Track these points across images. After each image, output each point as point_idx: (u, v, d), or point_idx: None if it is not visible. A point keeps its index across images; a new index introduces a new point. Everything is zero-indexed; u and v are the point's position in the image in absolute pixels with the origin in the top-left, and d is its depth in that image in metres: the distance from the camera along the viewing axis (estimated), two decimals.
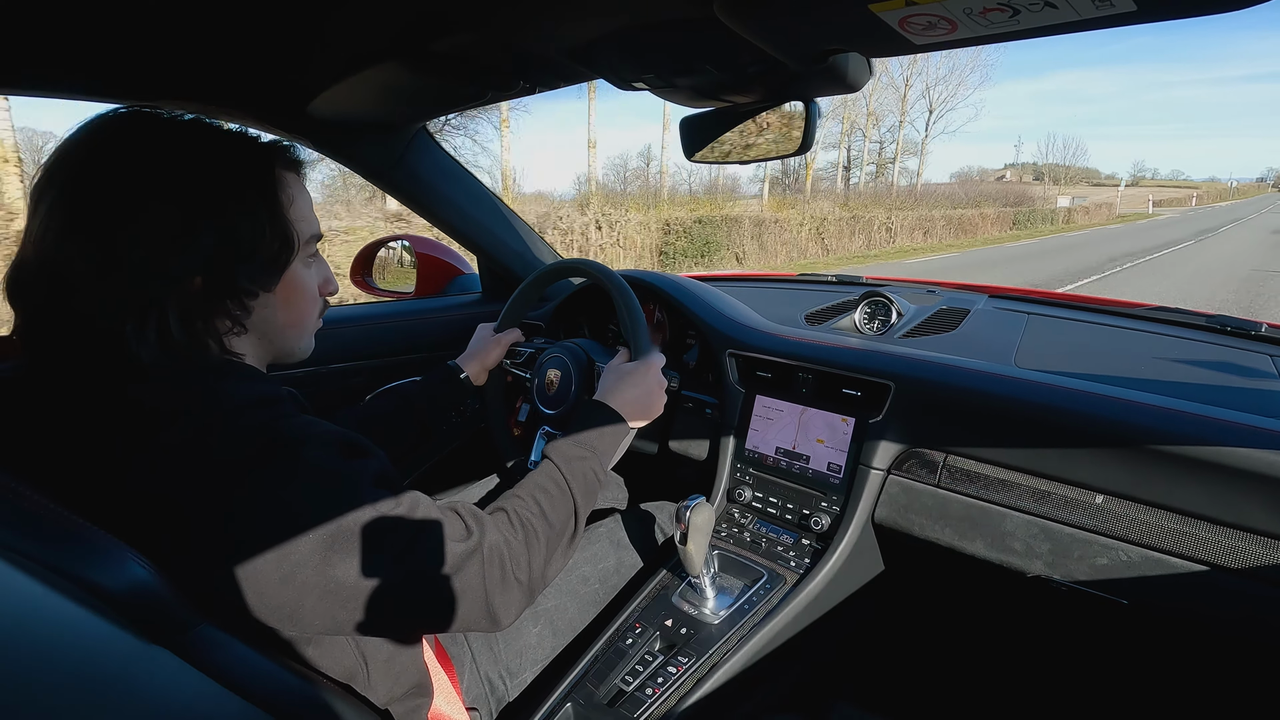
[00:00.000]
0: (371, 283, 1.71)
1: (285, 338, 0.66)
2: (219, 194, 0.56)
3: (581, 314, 1.40)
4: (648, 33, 0.69)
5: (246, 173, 0.59)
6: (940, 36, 0.58)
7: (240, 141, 0.61)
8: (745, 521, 1.07)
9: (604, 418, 0.82)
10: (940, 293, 1.36)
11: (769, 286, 1.58)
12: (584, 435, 0.78)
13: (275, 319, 0.64)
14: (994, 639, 1.27)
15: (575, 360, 1.10)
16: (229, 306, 0.58)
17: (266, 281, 0.61)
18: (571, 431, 0.79)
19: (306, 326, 0.68)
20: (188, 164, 0.56)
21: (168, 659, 0.42)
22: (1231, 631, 0.77)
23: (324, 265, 0.70)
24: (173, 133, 0.58)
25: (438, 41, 0.77)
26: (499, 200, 1.45)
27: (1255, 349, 1.02)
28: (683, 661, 0.84)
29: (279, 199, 0.61)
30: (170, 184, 0.54)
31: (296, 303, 0.65)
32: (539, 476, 0.72)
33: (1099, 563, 0.80)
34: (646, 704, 0.79)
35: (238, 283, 0.58)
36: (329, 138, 1.13)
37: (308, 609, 0.52)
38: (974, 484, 0.89)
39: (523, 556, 0.63)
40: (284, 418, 0.56)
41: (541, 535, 0.66)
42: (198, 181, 0.56)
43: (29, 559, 0.40)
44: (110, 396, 0.54)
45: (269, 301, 0.62)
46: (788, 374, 1.06)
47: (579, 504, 0.72)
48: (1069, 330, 1.15)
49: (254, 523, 0.50)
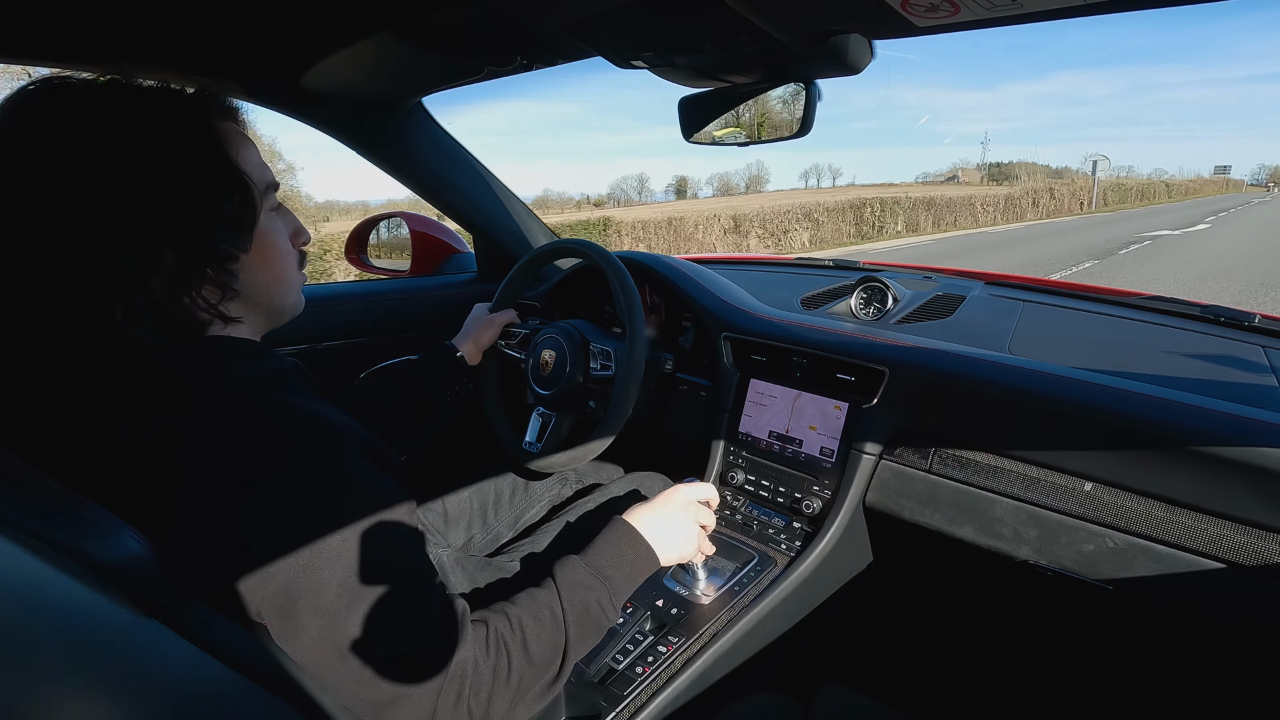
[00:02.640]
0: (366, 260, 1.70)
1: (272, 296, 0.63)
2: (161, 162, 0.52)
3: (577, 295, 1.39)
4: (648, 9, 0.68)
5: (184, 133, 0.54)
6: (943, 19, 0.58)
7: (168, 98, 0.55)
8: (737, 504, 1.08)
9: (628, 544, 0.71)
10: (937, 279, 1.36)
11: (765, 270, 1.58)
12: (600, 559, 0.68)
13: (257, 280, 0.60)
14: (981, 622, 1.29)
15: (570, 341, 1.10)
16: (212, 275, 0.55)
17: (240, 242, 0.57)
18: (589, 550, 0.69)
19: (288, 281, 0.64)
20: (120, 136, 0.51)
21: (161, 631, 0.42)
22: (1214, 617, 0.78)
23: (291, 216, 0.66)
24: (95, 101, 0.52)
25: (434, 13, 0.75)
26: (496, 179, 1.44)
27: (1248, 340, 1.03)
28: (673, 641, 0.85)
29: (225, 153, 0.56)
30: (108, 161, 0.50)
31: (273, 259, 0.62)
32: (537, 595, 0.63)
33: (1085, 549, 0.81)
34: (636, 682, 0.80)
35: (212, 249, 0.55)
36: (322, 112, 1.12)
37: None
38: (964, 469, 0.90)
39: (485, 688, 0.54)
40: (316, 403, 0.55)
41: (515, 670, 0.57)
42: (135, 153, 0.51)
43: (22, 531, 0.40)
44: (111, 379, 0.53)
45: (247, 264, 0.59)
46: (782, 358, 1.06)
47: (571, 642, 0.61)
48: (1064, 318, 1.15)
49: (254, 513, 0.49)
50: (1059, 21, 0.57)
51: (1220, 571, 0.73)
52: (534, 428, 1.14)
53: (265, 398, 0.54)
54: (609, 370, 1.07)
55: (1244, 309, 1.09)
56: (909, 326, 1.14)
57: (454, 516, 1.10)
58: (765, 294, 1.27)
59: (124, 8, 0.71)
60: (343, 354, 1.31)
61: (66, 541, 0.42)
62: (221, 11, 0.75)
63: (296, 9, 0.76)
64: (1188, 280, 8.06)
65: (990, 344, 1.01)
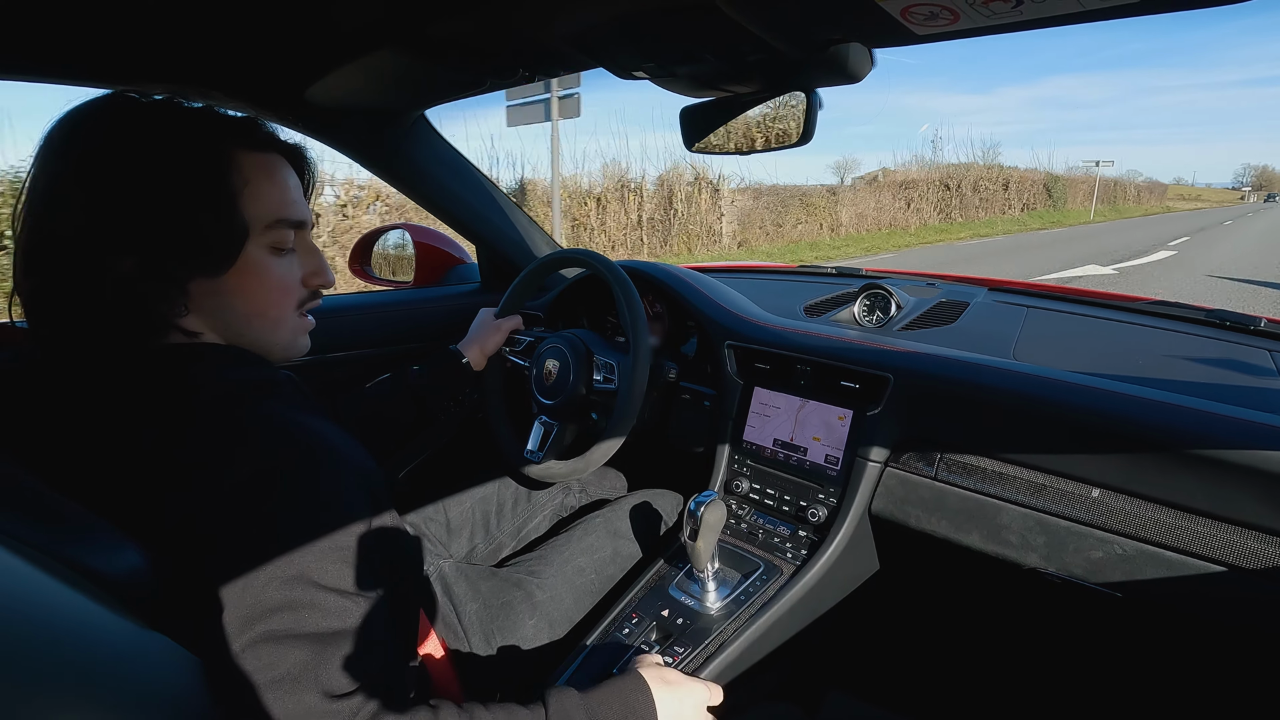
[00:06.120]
0: (370, 272, 1.71)
1: (252, 328, 0.61)
2: (141, 175, 0.54)
3: (580, 305, 1.39)
4: (649, 19, 0.69)
5: (180, 153, 0.55)
6: (943, 27, 0.58)
7: (186, 119, 0.58)
8: (742, 513, 1.07)
9: (637, 701, 0.63)
10: (940, 285, 1.36)
11: (768, 278, 1.58)
12: (602, 707, 0.60)
13: (234, 307, 0.60)
14: (989, 630, 1.28)
15: (574, 352, 1.10)
16: (165, 289, 0.56)
17: (207, 267, 0.57)
18: (594, 694, 0.62)
19: (274, 318, 0.63)
20: (116, 145, 0.54)
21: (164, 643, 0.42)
22: (1223, 622, 0.77)
23: (312, 255, 0.66)
24: (125, 115, 0.56)
25: (436, 26, 0.76)
26: (498, 190, 1.45)
27: (1254, 344, 1.02)
28: (679, 651, 0.84)
29: (225, 180, 0.57)
30: (93, 167, 0.53)
31: (256, 292, 0.60)
32: (517, 716, 0.57)
33: (1094, 556, 0.80)
34: None
35: (166, 267, 0.55)
36: (327, 125, 1.13)
37: None
38: (971, 477, 0.89)
39: None
40: (305, 416, 0.56)
41: None
42: (118, 161, 0.54)
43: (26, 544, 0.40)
44: (105, 376, 0.54)
45: (218, 288, 0.58)
46: (786, 366, 1.06)
47: None
48: (1068, 324, 1.15)
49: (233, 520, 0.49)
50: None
51: (1229, 576, 0.72)
52: (536, 436, 1.14)
53: (251, 405, 0.54)
54: (612, 383, 1.07)
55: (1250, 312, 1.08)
56: (913, 333, 1.14)
57: (456, 526, 1.10)
58: (768, 302, 1.27)
59: (129, 23, 0.72)
60: (347, 365, 1.32)
61: (71, 555, 0.42)
62: (228, 27, 0.76)
63: (302, 26, 0.77)
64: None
65: (995, 350, 1.01)
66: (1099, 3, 0.50)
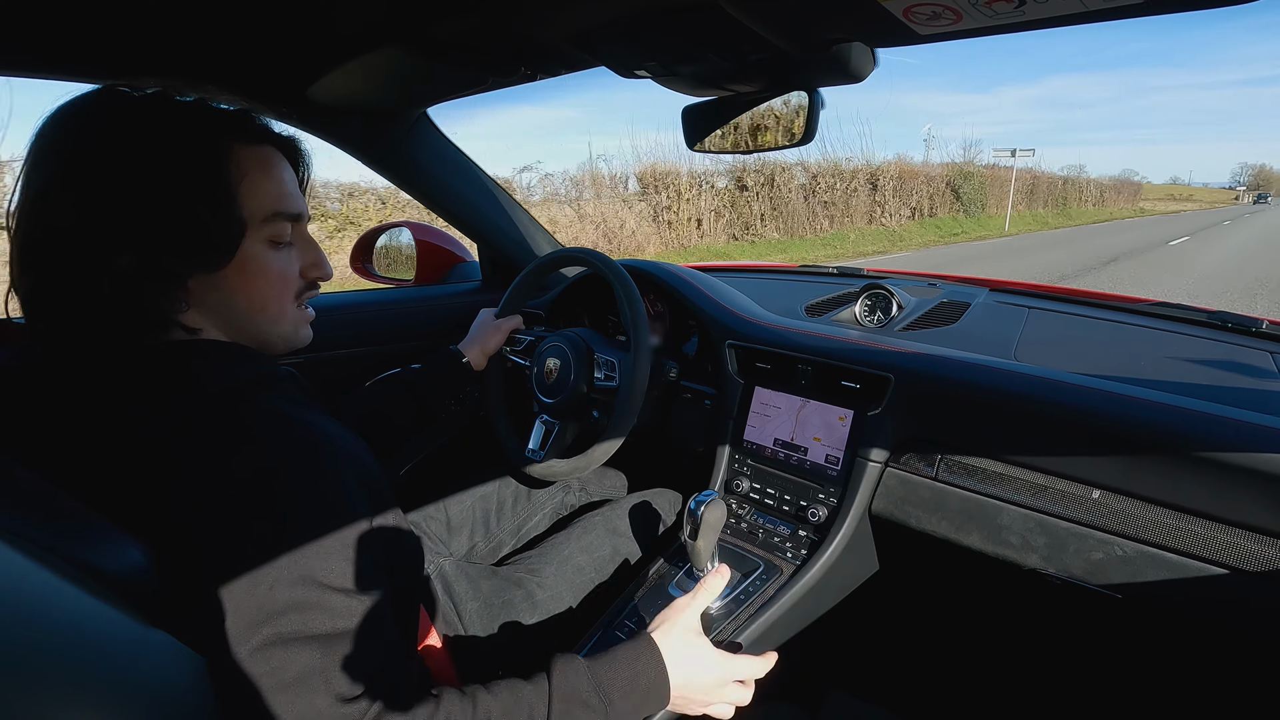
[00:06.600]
0: (372, 270, 1.71)
1: (253, 323, 0.61)
2: (136, 172, 0.53)
3: (581, 304, 1.39)
4: (651, 19, 0.69)
5: (176, 148, 0.55)
6: (945, 27, 0.58)
7: (181, 113, 0.57)
8: (742, 512, 1.07)
9: (646, 672, 0.61)
10: (941, 286, 1.36)
11: (770, 277, 1.58)
12: (611, 676, 0.58)
13: (234, 302, 0.60)
14: (989, 630, 1.28)
15: (575, 350, 1.10)
16: (164, 286, 0.55)
17: (206, 262, 0.57)
18: (602, 660, 0.60)
19: (275, 312, 0.63)
20: (110, 141, 0.53)
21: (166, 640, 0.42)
22: (1225, 624, 0.77)
23: (312, 251, 0.66)
24: (118, 111, 0.55)
25: (438, 25, 0.76)
26: (500, 188, 1.45)
27: (1256, 346, 1.02)
28: None
29: (222, 174, 0.56)
30: (87, 164, 0.53)
31: (256, 286, 0.60)
32: (520, 691, 0.55)
33: (1094, 557, 0.80)
34: None
35: (165, 263, 0.55)
36: (329, 124, 1.13)
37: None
38: (971, 477, 0.89)
39: None
40: (306, 411, 0.56)
41: None
42: (113, 158, 0.53)
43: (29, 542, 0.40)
44: (105, 373, 0.54)
45: (218, 283, 0.58)
46: (787, 366, 1.06)
47: None
48: (1069, 325, 1.15)
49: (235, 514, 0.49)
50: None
51: (1230, 578, 0.72)
52: (537, 435, 1.14)
53: (254, 400, 0.55)
54: (613, 381, 1.07)
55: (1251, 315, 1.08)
56: (914, 334, 1.14)
57: (456, 524, 1.10)
58: (769, 301, 1.27)
59: (132, 17, 0.72)
60: (347, 363, 1.32)
61: (73, 553, 0.42)
62: (230, 25, 0.76)
63: (304, 23, 0.77)
64: None
65: (996, 350, 1.01)
66: (1101, 3, 0.50)
